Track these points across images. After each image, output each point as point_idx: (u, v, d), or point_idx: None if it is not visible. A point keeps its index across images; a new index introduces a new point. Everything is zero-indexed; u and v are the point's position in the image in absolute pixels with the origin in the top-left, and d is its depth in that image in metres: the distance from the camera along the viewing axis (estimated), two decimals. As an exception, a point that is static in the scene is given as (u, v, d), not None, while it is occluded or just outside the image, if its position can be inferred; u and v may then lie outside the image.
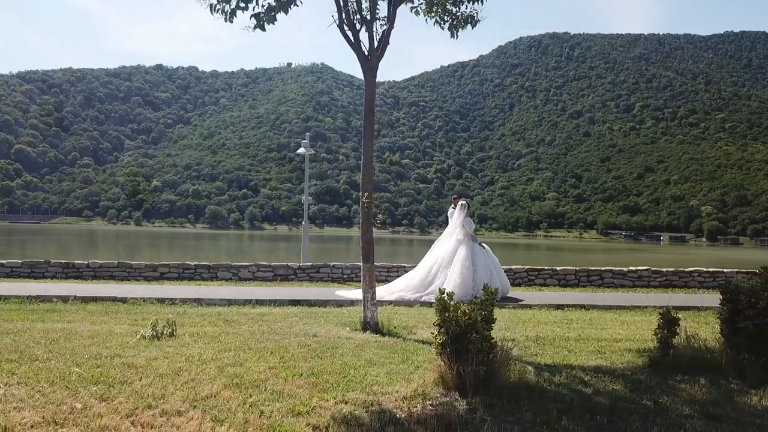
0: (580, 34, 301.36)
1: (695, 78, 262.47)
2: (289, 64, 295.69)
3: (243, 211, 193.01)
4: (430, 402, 5.20)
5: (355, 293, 14.06)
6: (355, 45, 9.00)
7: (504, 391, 5.33)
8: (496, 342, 5.65)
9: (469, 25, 10.94)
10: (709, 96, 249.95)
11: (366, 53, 9.02)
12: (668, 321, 6.45)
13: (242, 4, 7.07)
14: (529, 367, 6.47)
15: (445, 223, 15.39)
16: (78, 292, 13.21)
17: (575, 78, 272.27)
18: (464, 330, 5.44)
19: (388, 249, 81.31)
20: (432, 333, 5.81)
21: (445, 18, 10.65)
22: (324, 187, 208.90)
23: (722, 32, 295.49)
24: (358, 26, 9.02)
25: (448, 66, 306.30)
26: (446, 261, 14.03)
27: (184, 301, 12.68)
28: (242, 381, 5.64)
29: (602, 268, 18.26)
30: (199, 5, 7.51)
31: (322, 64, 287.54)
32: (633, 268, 18.19)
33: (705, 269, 18.15)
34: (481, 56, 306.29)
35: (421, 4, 10.40)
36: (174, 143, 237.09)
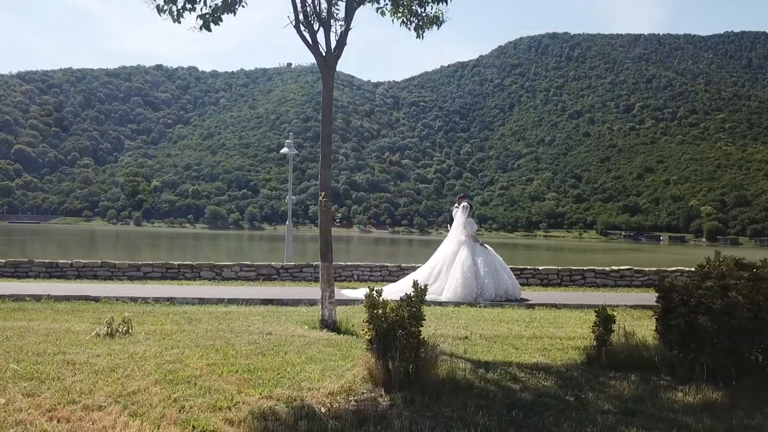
0: (580, 35, 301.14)
1: (695, 78, 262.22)
2: (289, 64, 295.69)
3: (243, 211, 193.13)
4: (355, 397, 5.30)
5: (361, 292, 14.13)
6: (313, 46, 9.09)
7: (429, 387, 5.41)
8: (424, 339, 5.73)
9: (435, 26, 11.07)
10: (709, 96, 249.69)
11: (323, 54, 9.11)
12: (603, 319, 6.53)
13: (188, 5, 7.17)
14: (467, 364, 6.57)
15: (445, 222, 15.55)
16: (53, 291, 13.30)
17: (575, 78, 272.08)
18: (391, 327, 5.53)
19: (388, 249, 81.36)
20: (362, 330, 5.90)
21: (412, 19, 10.75)
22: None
23: (722, 32, 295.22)
24: (316, 26, 9.11)
25: (448, 66, 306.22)
26: (448, 262, 14.16)
27: (157, 300, 12.78)
28: (176, 377, 5.73)
29: (584, 268, 18.33)
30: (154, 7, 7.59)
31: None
32: (615, 268, 18.27)
33: (687, 268, 18.18)
34: (481, 56, 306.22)
35: (387, 4, 10.50)
36: (174, 143, 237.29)
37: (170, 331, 8.42)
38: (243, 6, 7.46)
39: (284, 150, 21.90)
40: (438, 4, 10.54)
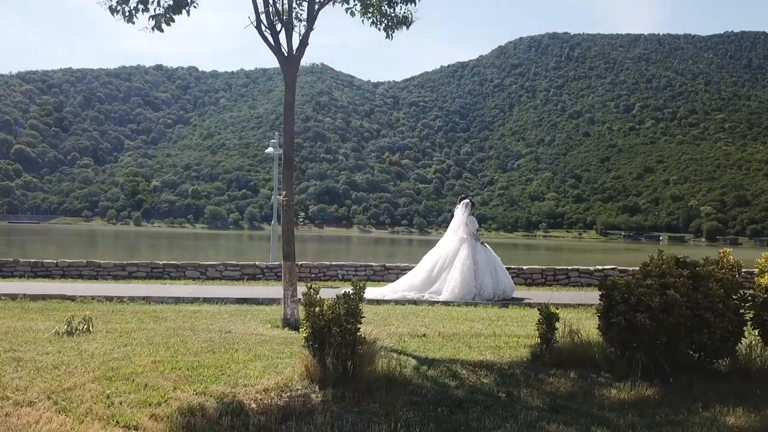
0: (580, 35, 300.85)
1: (695, 78, 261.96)
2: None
3: (242, 212, 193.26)
4: (289, 393, 5.37)
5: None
6: (275, 47, 9.16)
7: (364, 384, 5.49)
8: (362, 336, 5.80)
9: (404, 27, 11.14)
10: (708, 96, 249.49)
11: (285, 55, 9.18)
12: (546, 317, 6.60)
13: (141, 6, 7.25)
14: (412, 361, 6.64)
15: (445, 222, 15.57)
16: (31, 290, 13.39)
17: (575, 78, 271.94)
18: (327, 324, 5.60)
19: (387, 249, 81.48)
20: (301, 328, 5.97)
21: (381, 19, 10.82)
22: (323, 187, 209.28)
23: (722, 32, 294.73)
24: (278, 27, 9.18)
25: (448, 66, 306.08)
26: (448, 260, 14.15)
27: (132, 299, 12.86)
28: (116, 374, 5.81)
29: (569, 267, 18.38)
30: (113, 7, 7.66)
31: (322, 64, 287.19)
32: (600, 267, 18.30)
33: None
34: (481, 56, 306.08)
35: (356, 5, 10.58)
36: (174, 143, 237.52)
37: (131, 330, 8.50)
38: (195, 6, 7.54)
39: (269, 150, 21.98)
40: (407, 5, 10.62)
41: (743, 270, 6.95)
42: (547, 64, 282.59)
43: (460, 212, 14.79)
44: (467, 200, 15.04)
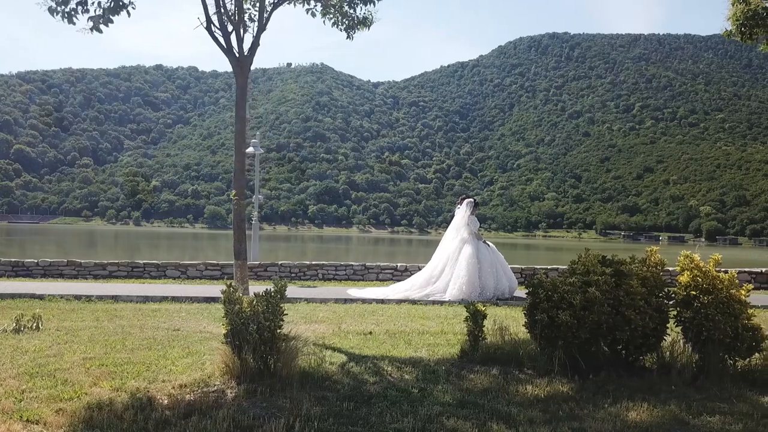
0: (579, 34, 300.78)
1: (695, 78, 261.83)
2: (289, 65, 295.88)
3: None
4: (204, 389, 5.46)
5: (366, 292, 14.29)
6: (227, 48, 9.26)
7: (280, 380, 5.57)
8: (283, 333, 5.89)
9: (365, 27, 11.27)
10: (708, 96, 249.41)
11: (237, 55, 9.28)
12: (473, 314, 6.68)
13: (79, 8, 7.36)
14: (342, 358, 6.72)
15: (445, 222, 15.56)
16: (1, 289, 13.46)
17: (575, 78, 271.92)
18: (246, 322, 5.69)
19: (387, 249, 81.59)
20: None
21: (343, 20, 10.95)
22: (323, 187, 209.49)
23: (722, 32, 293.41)
24: (230, 28, 9.28)
25: (448, 66, 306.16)
26: (451, 260, 14.18)
27: (101, 297, 12.94)
28: (41, 370, 5.91)
29: (549, 267, 18.51)
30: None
31: (322, 64, 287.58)
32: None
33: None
34: (480, 56, 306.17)
35: (317, 6, 10.70)
36: (173, 143, 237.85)
37: (80, 327, 8.59)
38: (133, 8, 7.64)
39: (249, 149, 22.05)
40: (366, 5, 10.75)
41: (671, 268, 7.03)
42: (546, 64, 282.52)
43: (463, 211, 14.79)
44: (471, 200, 15.05)
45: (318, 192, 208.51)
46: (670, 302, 6.57)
